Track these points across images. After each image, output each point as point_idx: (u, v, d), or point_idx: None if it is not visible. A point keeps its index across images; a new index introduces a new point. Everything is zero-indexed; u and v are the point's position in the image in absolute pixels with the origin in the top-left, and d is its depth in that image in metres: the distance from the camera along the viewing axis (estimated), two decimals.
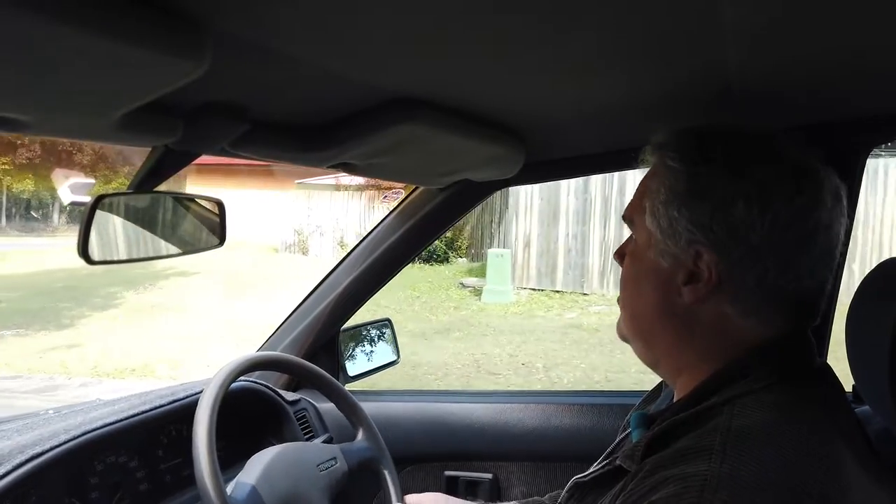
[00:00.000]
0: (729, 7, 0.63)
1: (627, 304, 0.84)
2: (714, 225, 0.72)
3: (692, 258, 0.74)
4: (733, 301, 0.74)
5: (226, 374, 1.10)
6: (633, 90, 0.92)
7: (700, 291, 0.74)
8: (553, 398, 1.60)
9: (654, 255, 0.78)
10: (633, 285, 0.83)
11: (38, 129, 0.71)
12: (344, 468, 1.22)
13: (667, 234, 0.76)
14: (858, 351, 0.84)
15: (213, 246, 1.08)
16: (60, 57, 0.52)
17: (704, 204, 0.73)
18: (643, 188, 0.82)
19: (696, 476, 0.61)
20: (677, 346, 0.79)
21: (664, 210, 0.76)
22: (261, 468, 1.10)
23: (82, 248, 0.88)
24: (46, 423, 1.16)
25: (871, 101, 1.07)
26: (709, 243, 0.73)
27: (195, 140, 0.84)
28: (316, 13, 0.59)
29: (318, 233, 14.69)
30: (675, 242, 0.75)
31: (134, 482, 1.22)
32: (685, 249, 0.75)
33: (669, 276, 0.77)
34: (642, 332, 0.83)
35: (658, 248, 0.77)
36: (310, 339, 1.64)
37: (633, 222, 0.83)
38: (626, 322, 0.85)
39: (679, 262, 0.75)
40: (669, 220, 0.75)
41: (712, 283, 0.73)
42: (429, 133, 0.97)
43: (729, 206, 0.72)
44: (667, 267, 0.77)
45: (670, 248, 0.76)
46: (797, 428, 0.65)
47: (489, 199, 2.37)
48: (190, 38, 0.56)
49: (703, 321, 0.76)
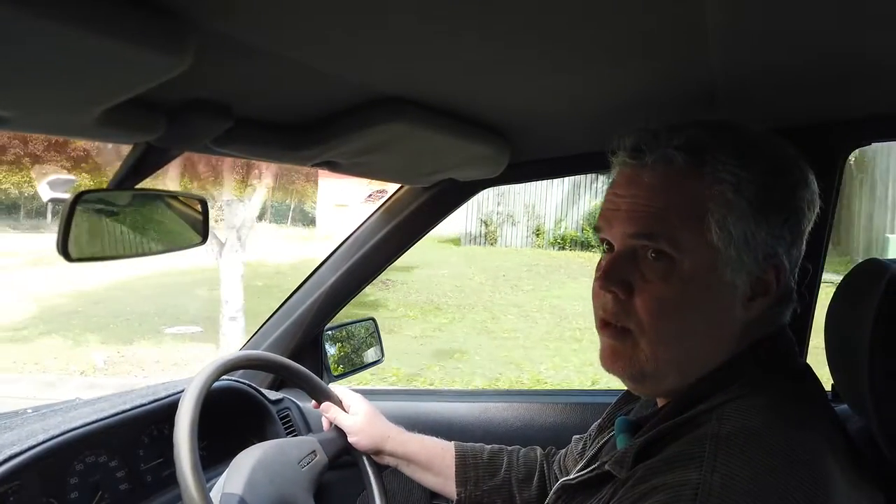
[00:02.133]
0: (712, 9, 0.63)
1: (671, 337, 0.73)
2: (786, 234, 0.72)
3: (763, 271, 0.72)
4: (781, 305, 0.75)
5: (208, 373, 1.10)
6: (618, 90, 0.93)
7: (768, 303, 0.73)
8: (537, 397, 1.60)
9: (726, 276, 0.71)
10: (684, 314, 0.73)
11: (18, 124, 0.70)
12: (324, 460, 1.23)
13: (742, 251, 0.71)
14: (838, 351, 0.85)
15: (195, 244, 1.07)
16: (40, 52, 0.51)
17: (780, 216, 0.72)
18: (691, 198, 0.72)
19: (686, 485, 0.61)
20: (713, 363, 0.74)
21: (742, 224, 0.70)
22: (245, 475, 1.09)
23: (62, 246, 0.87)
24: (24, 423, 1.15)
25: (851, 104, 1.09)
26: (783, 252, 0.72)
27: (177, 137, 0.83)
28: (301, 11, 0.58)
29: (509, 222, 13.74)
30: (751, 257, 0.71)
31: (114, 482, 1.20)
32: (760, 264, 0.72)
33: (738, 294, 0.73)
34: (685, 364, 0.75)
35: (731, 266, 0.71)
36: (294, 338, 1.63)
37: (675, 239, 0.71)
38: (663, 356, 0.74)
39: (752, 278, 0.72)
40: (745, 234, 0.70)
41: (778, 292, 0.73)
42: (414, 132, 0.97)
43: (800, 215, 0.73)
44: (738, 285, 0.72)
45: (745, 265, 0.71)
46: (783, 433, 0.66)
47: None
48: (172, 33, 0.55)
49: (755, 331, 0.75)
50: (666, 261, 0.72)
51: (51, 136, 7.47)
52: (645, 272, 0.73)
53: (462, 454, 1.23)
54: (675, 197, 0.72)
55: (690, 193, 0.72)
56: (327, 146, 0.97)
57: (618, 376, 0.79)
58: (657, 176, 0.73)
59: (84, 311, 8.95)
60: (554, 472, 1.18)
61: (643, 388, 0.79)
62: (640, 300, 0.73)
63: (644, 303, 0.73)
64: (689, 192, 0.72)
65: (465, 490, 1.19)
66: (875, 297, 0.74)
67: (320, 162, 1.06)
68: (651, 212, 0.73)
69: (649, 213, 0.73)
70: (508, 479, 1.20)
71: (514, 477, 1.20)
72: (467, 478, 1.20)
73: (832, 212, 1.21)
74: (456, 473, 1.21)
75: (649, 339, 0.73)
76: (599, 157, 1.36)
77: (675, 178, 0.73)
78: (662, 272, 0.72)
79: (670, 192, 0.73)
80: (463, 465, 1.21)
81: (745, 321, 0.74)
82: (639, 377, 0.76)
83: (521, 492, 1.18)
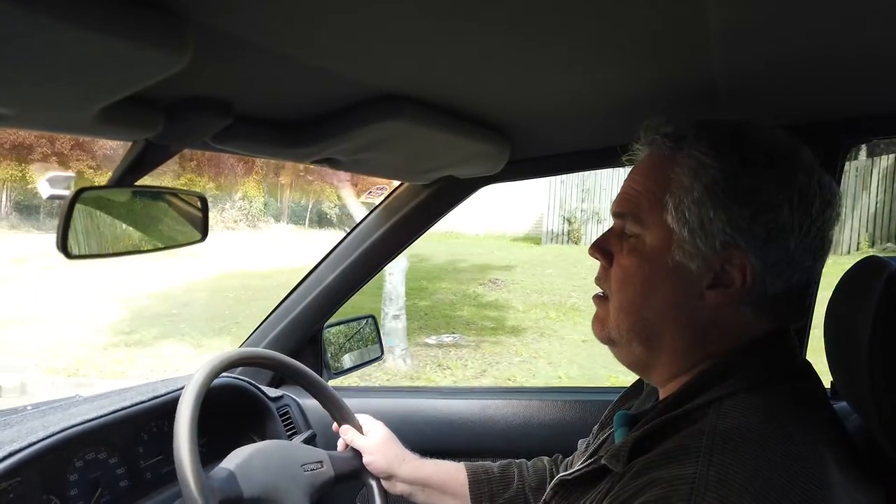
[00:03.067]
0: (715, 7, 0.63)
1: (628, 305, 0.79)
2: (754, 228, 0.71)
3: (722, 261, 0.73)
4: (756, 304, 0.74)
5: (208, 370, 1.10)
6: (619, 88, 0.93)
7: (730, 296, 0.73)
8: (536, 394, 1.61)
9: (678, 257, 0.74)
10: (640, 287, 0.78)
11: (17, 121, 0.70)
12: (330, 474, 1.21)
13: (697, 235, 0.73)
14: (837, 349, 0.85)
15: (194, 241, 1.07)
16: (40, 49, 0.51)
17: (744, 207, 0.71)
18: (660, 182, 0.76)
19: (683, 479, 0.61)
20: (685, 350, 0.77)
21: (696, 209, 0.72)
22: (242, 457, 1.10)
23: (62, 243, 0.87)
24: (25, 420, 1.15)
25: (852, 102, 1.09)
26: (747, 247, 0.72)
27: (177, 134, 0.83)
28: (300, 8, 0.58)
29: (594, 220, 12.89)
30: (707, 244, 0.72)
31: (114, 479, 1.20)
32: (717, 252, 0.72)
33: (693, 279, 0.74)
34: (646, 337, 0.79)
35: (683, 248, 0.74)
36: (294, 335, 1.63)
37: (640, 219, 0.77)
38: (623, 324, 0.79)
39: (707, 265, 0.73)
40: (702, 220, 0.72)
41: (744, 288, 0.72)
42: (413, 130, 0.97)
43: (775, 211, 0.71)
44: (693, 269, 0.74)
45: (700, 250, 0.73)
46: (781, 429, 0.66)
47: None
48: (172, 31, 0.55)
49: (721, 325, 0.75)
50: (634, 239, 0.79)
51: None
52: (622, 246, 0.81)
53: (474, 471, 1.22)
54: (650, 180, 0.78)
55: (660, 176, 0.77)
56: (326, 143, 0.97)
57: (598, 339, 0.85)
58: (644, 160, 0.81)
59: (178, 314, 8.69)
60: None
61: (617, 353, 0.84)
62: (612, 270, 0.82)
63: (614, 272, 0.81)
64: (658, 175, 0.77)
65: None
66: (875, 294, 0.74)
67: (320, 159, 1.06)
68: (631, 193, 0.80)
69: (629, 195, 0.80)
70: (522, 489, 1.20)
71: (528, 486, 1.20)
72: (482, 493, 1.20)
73: None
74: (470, 491, 1.20)
75: (614, 305, 0.81)
76: (600, 154, 1.38)
77: (657, 163, 0.79)
78: (631, 247, 0.79)
79: (647, 175, 0.79)
80: (476, 482, 1.20)
81: (706, 310, 0.75)
82: (608, 341, 0.83)
83: (537, 500, 1.18)
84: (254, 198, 18.97)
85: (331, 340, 1.70)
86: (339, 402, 1.31)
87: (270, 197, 20.13)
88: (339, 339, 1.73)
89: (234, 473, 1.05)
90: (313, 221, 20.20)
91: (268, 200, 20.07)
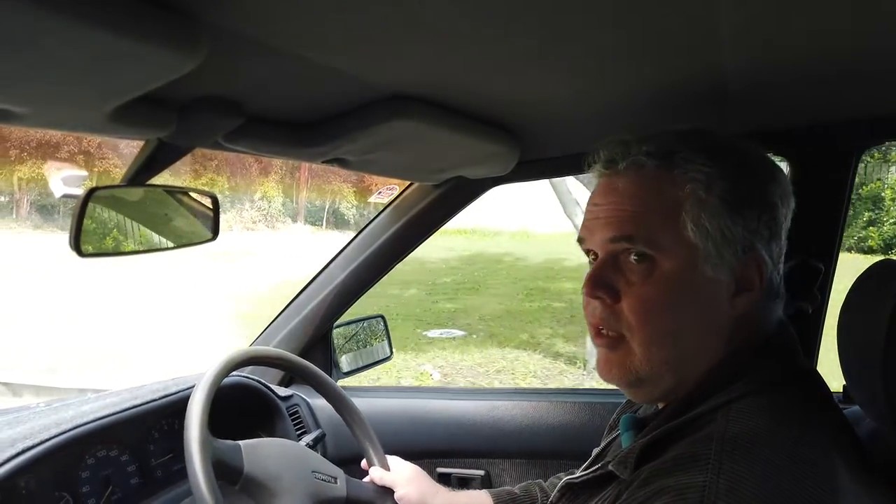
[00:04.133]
0: (726, 8, 0.63)
1: (660, 337, 0.74)
2: (761, 229, 0.73)
3: (742, 266, 0.73)
4: (769, 300, 0.76)
5: (218, 368, 1.10)
6: (629, 88, 0.92)
7: (752, 298, 0.74)
8: (545, 396, 1.60)
9: (708, 271, 0.72)
10: (670, 314, 0.74)
11: (31, 120, 0.70)
12: (341, 493, 1.17)
13: (720, 246, 0.72)
14: (850, 352, 0.84)
15: (206, 240, 1.07)
16: (55, 49, 0.52)
17: (754, 210, 0.73)
18: (667, 200, 0.74)
19: (692, 487, 0.61)
20: (708, 362, 0.75)
21: (716, 221, 0.72)
22: (254, 441, 1.10)
23: (74, 242, 0.87)
24: (37, 417, 1.16)
25: (865, 104, 1.08)
26: (762, 247, 0.74)
27: (189, 134, 0.83)
28: (311, 9, 0.59)
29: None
30: (730, 252, 0.73)
31: (125, 476, 1.21)
32: (739, 258, 0.73)
33: (722, 291, 0.73)
34: (681, 365, 0.75)
35: (711, 262, 0.72)
36: (304, 334, 1.64)
37: (654, 241, 0.73)
38: (655, 358, 0.74)
39: (732, 274, 0.73)
40: (722, 230, 0.72)
41: (761, 287, 0.73)
42: (424, 130, 0.97)
43: (774, 208, 0.74)
44: (723, 280, 0.73)
45: (725, 260, 0.72)
46: (790, 434, 0.65)
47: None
48: (185, 31, 0.55)
49: (743, 326, 0.75)
50: (647, 262, 0.74)
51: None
52: (628, 276, 0.75)
53: (497, 495, 1.21)
54: (649, 199, 0.75)
55: (664, 195, 0.74)
56: (337, 143, 0.97)
57: (615, 384, 0.79)
58: (630, 181, 0.76)
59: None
60: None
61: (641, 393, 0.80)
62: (626, 304, 0.74)
63: (631, 305, 0.74)
64: (662, 194, 0.74)
65: None
66: (890, 297, 0.74)
67: (330, 159, 1.06)
68: (627, 215, 0.75)
69: (626, 217, 0.75)
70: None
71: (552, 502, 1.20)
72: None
73: (845, 211, 1.20)
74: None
75: (640, 341, 0.74)
76: None
77: (647, 181, 0.75)
78: (645, 273, 0.74)
79: (645, 195, 0.75)
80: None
81: (734, 318, 0.75)
82: (635, 383, 0.77)
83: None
84: (272, 198, 18.94)
85: (341, 340, 1.70)
86: (350, 405, 1.30)
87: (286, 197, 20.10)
88: (349, 338, 1.74)
89: (240, 447, 1.06)
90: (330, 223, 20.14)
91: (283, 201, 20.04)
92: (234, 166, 14.42)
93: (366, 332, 1.79)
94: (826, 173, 1.18)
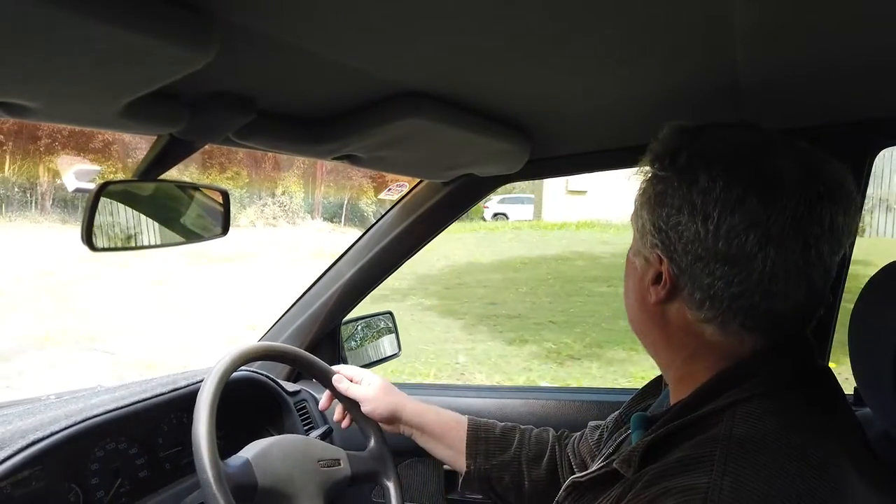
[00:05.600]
0: (740, 5, 0.62)
1: (624, 300, 0.86)
2: (669, 231, 0.73)
3: (656, 260, 0.76)
4: (690, 307, 0.74)
5: (227, 363, 1.11)
6: (641, 87, 0.92)
7: (660, 293, 0.76)
8: (554, 394, 1.60)
9: (631, 255, 0.81)
10: (624, 283, 0.85)
11: (45, 115, 0.71)
12: (346, 472, 1.22)
13: (640, 235, 0.78)
14: (862, 353, 0.84)
15: (216, 235, 1.08)
16: (69, 44, 0.52)
17: (663, 209, 0.74)
18: (691, 211, 0.76)
19: (696, 489, 0.60)
20: (659, 344, 0.81)
21: (639, 212, 0.78)
22: (259, 448, 1.11)
23: (86, 236, 0.88)
24: (47, 409, 1.17)
25: (881, 103, 1.07)
26: (663, 248, 0.75)
27: (200, 129, 0.84)
28: (324, 5, 0.59)
29: (881, 207, 10.84)
30: (644, 244, 0.77)
31: (134, 469, 1.22)
32: (650, 251, 0.76)
33: (642, 276, 0.79)
34: (635, 328, 0.85)
35: (635, 247, 0.80)
36: (312, 330, 1.64)
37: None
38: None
39: (648, 263, 0.77)
40: (642, 222, 0.77)
41: (669, 286, 0.75)
42: (434, 127, 0.97)
43: (678, 213, 0.72)
44: (639, 267, 0.80)
45: (642, 250, 0.78)
46: (797, 438, 0.65)
47: None
48: (197, 27, 0.56)
49: (672, 322, 0.77)
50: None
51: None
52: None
53: (475, 428, 1.23)
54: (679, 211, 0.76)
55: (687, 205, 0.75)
56: (347, 140, 0.97)
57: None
58: (659, 188, 0.80)
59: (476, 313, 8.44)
60: (567, 455, 1.18)
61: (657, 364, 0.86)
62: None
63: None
64: (686, 204, 0.75)
65: (475, 463, 1.20)
66: None
67: (340, 156, 1.06)
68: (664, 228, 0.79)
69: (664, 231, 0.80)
70: (518, 456, 1.20)
71: (525, 455, 1.20)
72: (477, 451, 1.20)
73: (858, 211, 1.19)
74: (466, 446, 1.21)
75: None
76: (621, 154, 1.37)
77: (669, 191, 0.76)
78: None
79: (674, 205, 0.77)
80: (474, 439, 1.21)
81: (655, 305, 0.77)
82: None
83: (531, 470, 1.18)
84: (294, 193, 18.90)
85: (349, 336, 1.71)
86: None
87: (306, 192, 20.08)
88: (357, 334, 1.74)
89: (249, 462, 1.07)
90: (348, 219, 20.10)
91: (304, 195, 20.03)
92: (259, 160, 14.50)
93: (375, 328, 1.79)
94: None
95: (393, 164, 1.25)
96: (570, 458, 1.17)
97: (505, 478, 1.19)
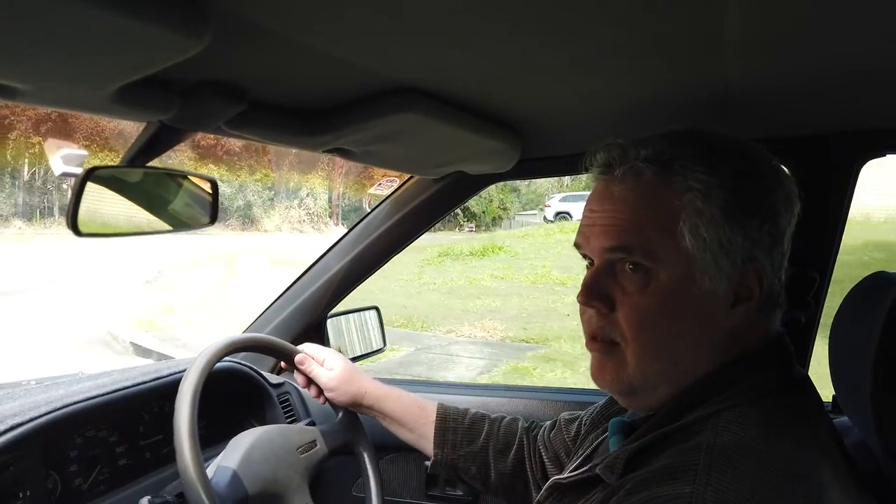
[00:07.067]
0: (731, 15, 0.63)
1: (655, 349, 0.73)
2: (763, 237, 0.72)
3: (740, 276, 0.72)
4: (767, 308, 0.74)
5: (210, 353, 1.10)
6: (632, 91, 0.92)
7: (751, 308, 0.73)
8: (537, 393, 1.60)
9: (705, 283, 0.71)
10: (667, 325, 0.73)
11: (34, 98, 0.70)
12: (323, 451, 1.24)
13: (718, 256, 0.71)
14: (841, 363, 0.85)
15: (203, 224, 1.07)
16: (60, 27, 0.52)
17: (755, 219, 0.71)
18: (664, 209, 0.72)
19: (680, 497, 0.60)
20: (702, 371, 0.74)
21: (714, 230, 0.70)
22: (241, 452, 1.10)
23: (71, 221, 0.87)
24: (27, 394, 1.16)
25: (867, 115, 1.08)
26: (762, 257, 0.72)
27: (191, 117, 0.83)
28: None
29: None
30: (729, 262, 0.71)
31: (113, 457, 1.21)
32: (738, 268, 0.71)
33: (720, 302, 0.72)
34: (678, 377, 0.74)
35: (708, 273, 0.71)
36: (297, 323, 1.64)
37: (651, 251, 0.72)
38: (650, 369, 0.74)
39: (730, 284, 0.72)
40: (720, 240, 0.70)
41: (761, 296, 0.73)
42: (426, 123, 0.97)
43: (776, 216, 0.72)
44: (720, 292, 0.72)
45: (723, 271, 0.71)
46: (780, 447, 0.65)
47: None
48: (190, 14, 0.55)
49: (738, 335, 0.74)
50: (643, 272, 0.72)
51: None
52: (624, 285, 0.74)
53: (443, 417, 1.24)
54: (647, 209, 0.73)
55: (662, 204, 0.72)
56: (339, 133, 0.97)
57: (608, 391, 0.80)
58: (628, 189, 0.74)
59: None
60: (538, 448, 1.18)
61: (635, 401, 0.79)
62: (621, 313, 0.74)
63: (625, 316, 0.73)
64: (660, 203, 0.72)
65: (442, 453, 1.21)
66: (882, 310, 0.74)
67: (331, 149, 1.06)
68: (625, 225, 0.73)
69: (623, 226, 0.73)
70: (486, 447, 1.20)
71: (493, 447, 1.20)
72: (445, 441, 1.21)
73: (843, 221, 1.20)
74: (435, 435, 1.22)
75: (633, 352, 0.74)
76: None
77: (645, 190, 0.73)
78: (641, 284, 0.72)
79: (642, 205, 0.73)
80: (442, 429, 1.22)
81: (731, 327, 0.73)
82: (628, 392, 0.77)
83: (497, 462, 1.19)
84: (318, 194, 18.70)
85: (334, 330, 1.70)
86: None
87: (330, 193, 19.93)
88: (343, 328, 1.74)
89: (237, 473, 1.07)
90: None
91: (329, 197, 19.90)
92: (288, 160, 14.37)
93: (360, 322, 1.79)
94: (826, 184, 1.18)
95: (384, 159, 1.25)
96: (541, 452, 1.17)
97: (472, 468, 1.20)
